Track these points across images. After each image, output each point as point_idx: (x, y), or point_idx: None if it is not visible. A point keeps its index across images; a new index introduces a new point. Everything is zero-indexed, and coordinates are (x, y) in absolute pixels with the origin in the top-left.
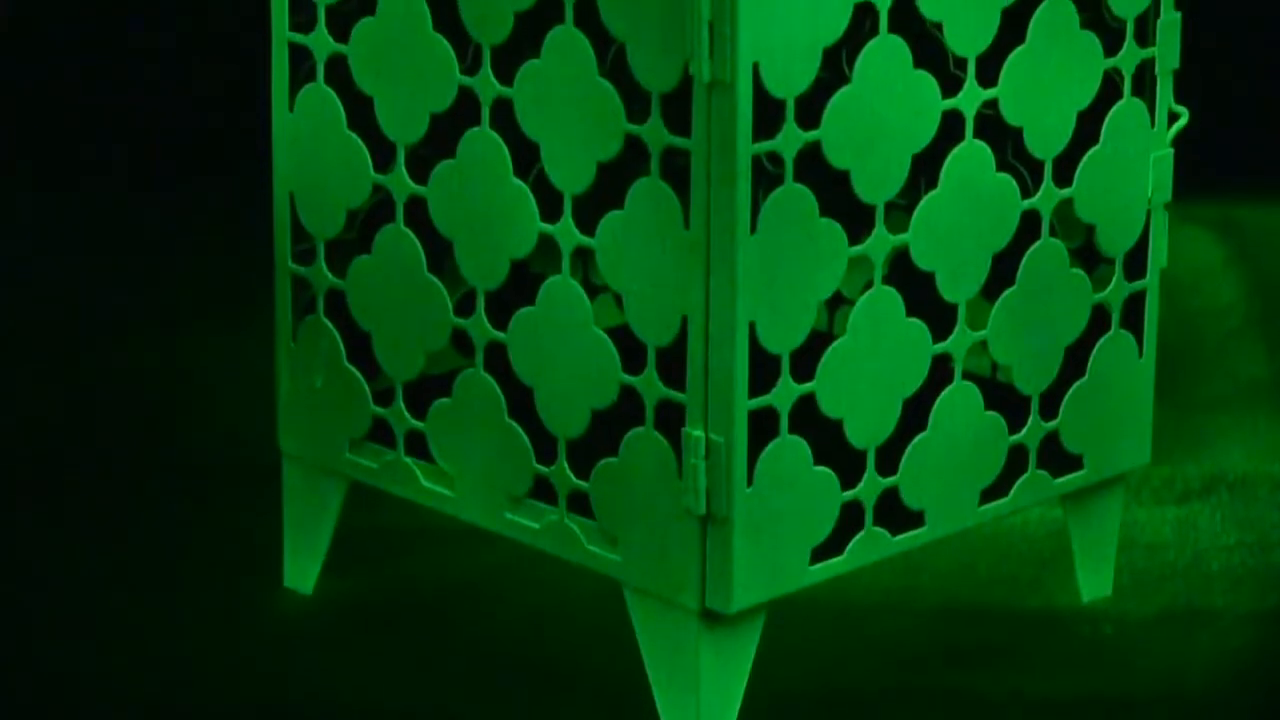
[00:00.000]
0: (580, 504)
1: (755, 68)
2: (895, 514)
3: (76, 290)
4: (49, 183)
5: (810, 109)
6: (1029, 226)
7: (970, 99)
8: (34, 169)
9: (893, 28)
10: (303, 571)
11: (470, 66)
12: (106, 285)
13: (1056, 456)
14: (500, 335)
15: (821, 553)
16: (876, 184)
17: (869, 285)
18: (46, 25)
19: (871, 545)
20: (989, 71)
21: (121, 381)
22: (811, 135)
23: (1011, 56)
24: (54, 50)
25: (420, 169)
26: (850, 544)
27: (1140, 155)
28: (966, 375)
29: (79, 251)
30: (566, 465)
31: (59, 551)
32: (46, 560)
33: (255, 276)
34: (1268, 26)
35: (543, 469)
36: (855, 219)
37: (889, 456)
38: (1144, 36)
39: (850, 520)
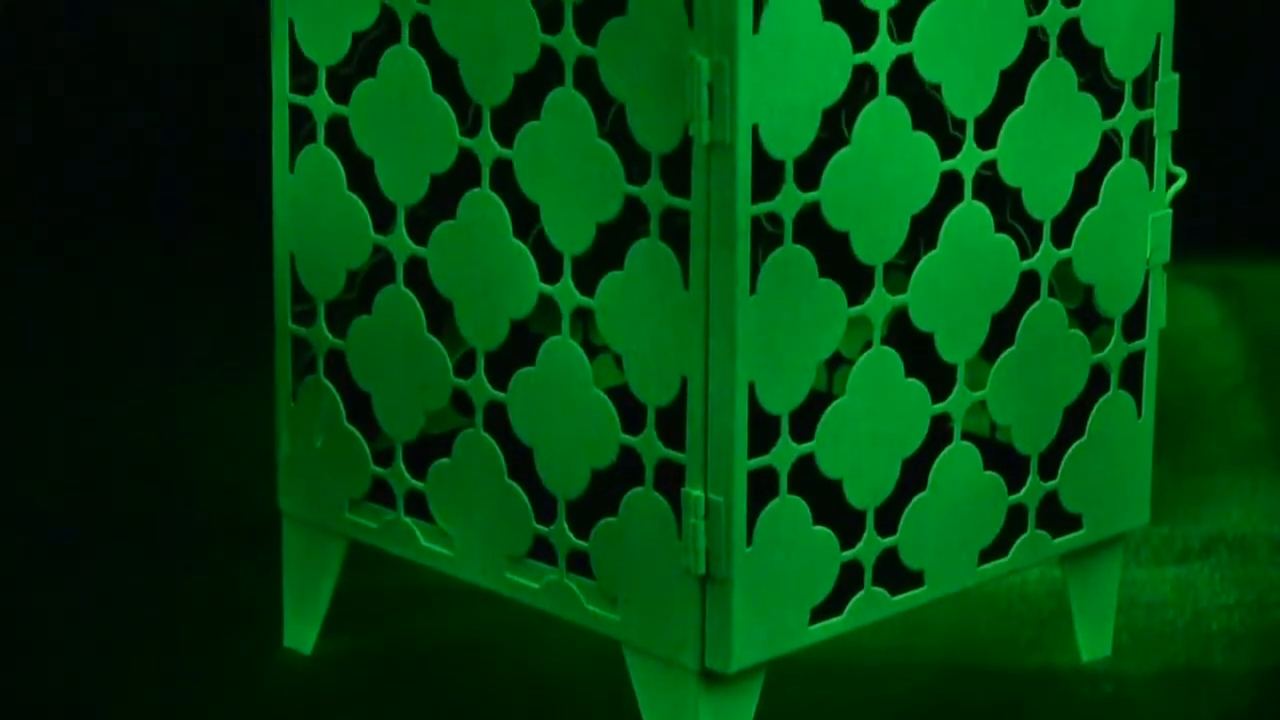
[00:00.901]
0: (580, 564)
1: (755, 129)
2: (895, 574)
3: (76, 347)
4: (48, 241)
5: (809, 170)
6: (1028, 287)
7: (969, 160)
8: (32, 228)
9: (892, 89)
10: (302, 631)
11: (470, 128)
12: (106, 344)
13: (1055, 516)
14: (500, 395)
15: (821, 612)
16: (876, 245)
17: (868, 345)
18: (47, 81)
19: (871, 605)
20: (988, 132)
21: (121, 439)
22: (811, 196)
23: (1010, 118)
24: (53, 108)
25: (420, 230)
26: (850, 604)
27: (1139, 216)
28: (966, 435)
29: (78, 309)
30: (566, 525)
31: (57, 610)
32: (44, 618)
33: (255, 336)
34: (1264, 87)
35: (542, 529)
36: (854, 279)
37: (888, 516)
38: (1142, 98)
39: (850, 580)
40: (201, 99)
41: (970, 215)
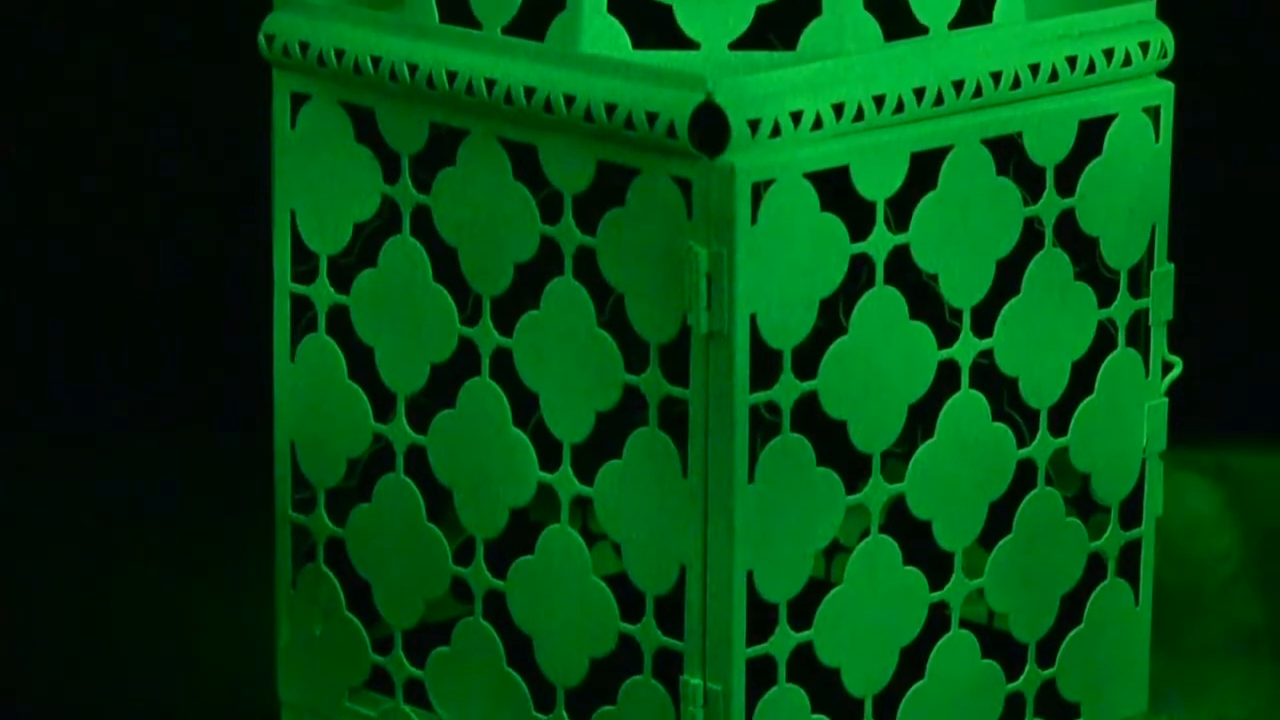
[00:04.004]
0: None
1: (753, 319)
2: None
3: (75, 535)
4: (48, 428)
5: (807, 359)
6: (1025, 475)
7: (966, 349)
8: (34, 421)
9: (889, 279)
10: None
11: (470, 317)
12: (105, 530)
13: (1053, 704)
14: (499, 584)
15: None
16: (873, 433)
17: (866, 533)
18: (43, 265)
19: None
20: (985, 321)
21: (119, 626)
22: (809, 385)
23: (1007, 307)
24: (53, 298)
25: (420, 418)
26: None
27: (1134, 404)
28: (963, 623)
29: (76, 496)
30: (565, 713)
31: None
32: None
33: (255, 524)
34: (1258, 276)
35: (541, 717)
36: (852, 467)
37: (887, 704)
38: (1137, 288)
39: None
40: (202, 286)
41: (967, 404)
